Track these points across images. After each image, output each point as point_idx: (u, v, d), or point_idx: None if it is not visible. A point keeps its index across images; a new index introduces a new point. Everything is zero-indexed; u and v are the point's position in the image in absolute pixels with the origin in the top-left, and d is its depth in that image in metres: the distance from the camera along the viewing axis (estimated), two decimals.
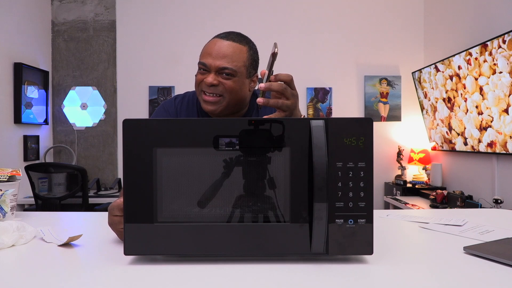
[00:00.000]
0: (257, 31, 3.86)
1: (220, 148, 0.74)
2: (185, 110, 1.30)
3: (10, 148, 3.25)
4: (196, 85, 1.22)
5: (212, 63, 1.17)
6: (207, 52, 1.19)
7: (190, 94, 1.35)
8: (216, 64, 1.16)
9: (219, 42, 1.19)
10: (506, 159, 2.75)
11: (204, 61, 1.18)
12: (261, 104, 0.94)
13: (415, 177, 3.73)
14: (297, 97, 1.00)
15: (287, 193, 0.74)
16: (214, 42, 1.19)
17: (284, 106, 0.96)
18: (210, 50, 1.18)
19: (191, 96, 1.34)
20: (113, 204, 0.86)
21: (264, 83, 0.94)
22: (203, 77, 1.19)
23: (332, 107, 3.90)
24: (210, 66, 1.17)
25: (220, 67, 1.16)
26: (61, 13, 3.86)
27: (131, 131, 0.74)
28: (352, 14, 3.90)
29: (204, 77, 1.18)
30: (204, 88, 1.19)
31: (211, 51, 1.18)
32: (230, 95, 1.19)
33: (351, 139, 0.74)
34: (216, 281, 0.66)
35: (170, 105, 1.32)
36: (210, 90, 1.18)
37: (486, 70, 2.70)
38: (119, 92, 3.88)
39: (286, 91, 0.96)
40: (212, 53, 1.17)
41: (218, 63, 1.16)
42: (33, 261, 0.79)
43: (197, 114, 1.30)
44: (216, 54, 1.17)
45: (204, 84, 1.18)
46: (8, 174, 1.11)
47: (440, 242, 0.91)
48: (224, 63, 1.16)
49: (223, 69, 1.17)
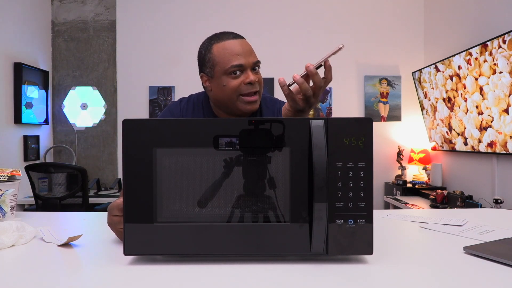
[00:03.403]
0: (257, 30, 3.86)
1: (220, 148, 0.74)
2: (191, 112, 1.29)
3: (10, 148, 3.25)
4: (232, 92, 1.16)
5: (246, 62, 1.16)
6: (235, 53, 1.15)
7: (194, 96, 1.34)
8: (250, 61, 1.17)
9: (238, 41, 1.18)
10: (506, 159, 2.75)
11: (238, 62, 1.15)
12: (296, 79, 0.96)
13: (415, 177, 3.73)
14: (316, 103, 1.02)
15: (287, 193, 0.74)
16: (232, 44, 1.17)
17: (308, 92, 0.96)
18: (237, 50, 1.16)
19: (196, 99, 1.33)
20: (112, 204, 0.86)
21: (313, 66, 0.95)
22: (241, 79, 1.16)
23: (332, 107, 3.90)
24: (246, 64, 1.16)
25: (254, 62, 1.17)
26: (61, 13, 3.86)
27: (131, 131, 0.74)
28: (352, 14, 3.90)
29: (243, 79, 1.16)
30: (244, 90, 1.16)
31: (238, 51, 1.16)
32: (261, 89, 1.21)
33: (351, 139, 0.74)
34: (216, 281, 0.66)
35: (176, 107, 1.31)
36: (253, 89, 1.17)
37: (486, 70, 2.70)
38: (119, 92, 3.88)
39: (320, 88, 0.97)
40: (240, 53, 1.16)
41: (251, 60, 1.17)
42: (33, 261, 0.79)
43: (203, 117, 1.29)
44: (244, 52, 1.16)
45: (245, 86, 1.16)
46: (8, 174, 1.11)
47: (440, 242, 0.91)
48: (255, 58, 1.19)
49: (256, 64, 1.18)
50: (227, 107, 1.21)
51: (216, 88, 1.20)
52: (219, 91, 1.19)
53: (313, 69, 0.94)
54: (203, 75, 1.24)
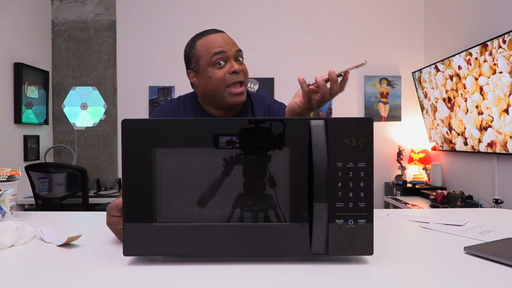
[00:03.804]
0: (257, 31, 3.86)
1: (220, 146, 0.73)
2: (182, 111, 1.30)
3: (10, 148, 3.25)
4: (218, 82, 1.18)
5: (229, 50, 1.18)
6: (217, 44, 1.18)
7: (183, 96, 1.36)
8: (233, 50, 1.19)
9: (219, 35, 1.21)
10: (506, 159, 2.75)
11: (220, 49, 1.17)
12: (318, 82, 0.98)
13: (415, 177, 3.73)
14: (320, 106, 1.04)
15: (287, 193, 0.74)
16: (213, 37, 1.20)
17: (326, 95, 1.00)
18: (219, 42, 1.19)
19: (185, 98, 1.35)
20: (111, 205, 0.86)
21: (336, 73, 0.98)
22: (225, 69, 1.18)
23: (332, 107, 3.90)
24: (228, 53, 1.18)
25: (236, 50, 1.19)
26: (61, 13, 3.86)
27: (130, 131, 0.74)
28: (352, 14, 3.89)
29: (227, 69, 1.18)
30: (230, 80, 1.18)
31: (220, 42, 1.19)
32: (246, 80, 1.22)
33: (351, 139, 0.73)
34: (216, 281, 0.66)
35: (168, 107, 1.32)
36: (238, 78, 1.18)
37: (486, 70, 2.70)
38: (119, 92, 3.88)
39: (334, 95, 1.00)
40: (221, 43, 1.18)
41: (234, 48, 1.19)
42: (33, 261, 0.79)
43: (194, 114, 1.30)
44: (225, 43, 1.19)
45: (230, 76, 1.17)
46: (7, 174, 1.11)
47: (441, 242, 0.90)
48: (238, 47, 1.21)
49: (238, 52, 1.20)
50: (215, 101, 1.23)
51: (203, 82, 1.21)
52: (206, 83, 1.20)
53: (335, 76, 0.97)
54: (189, 71, 1.26)
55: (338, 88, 0.99)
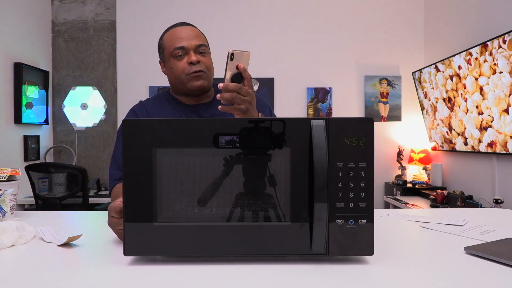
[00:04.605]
0: (258, 31, 3.86)
1: (220, 146, 0.73)
2: (156, 107, 1.33)
3: (10, 148, 3.25)
4: (180, 73, 1.26)
5: (188, 44, 1.24)
6: (178, 37, 1.25)
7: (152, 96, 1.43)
8: (193, 44, 1.25)
9: (183, 28, 1.27)
10: (506, 159, 2.75)
11: (180, 45, 1.24)
12: (220, 96, 1.03)
13: (415, 177, 3.73)
14: (253, 96, 1.07)
15: (288, 193, 0.74)
16: (178, 30, 1.27)
17: (238, 98, 1.03)
18: (180, 35, 1.26)
19: (156, 95, 1.41)
20: (111, 205, 0.86)
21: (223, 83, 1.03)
22: (185, 60, 1.25)
23: (332, 107, 3.90)
24: (188, 47, 1.24)
25: (197, 44, 1.25)
26: (61, 13, 3.86)
27: (130, 132, 0.74)
28: (352, 14, 3.89)
29: (186, 60, 1.24)
30: (189, 70, 1.24)
31: (182, 35, 1.25)
32: (209, 72, 1.28)
33: (352, 139, 0.73)
34: (216, 281, 0.66)
35: (138, 107, 1.35)
36: (196, 67, 1.24)
37: (486, 70, 2.70)
38: (119, 92, 3.88)
39: (241, 90, 1.03)
40: (183, 37, 1.25)
41: (194, 42, 1.25)
42: (33, 261, 0.79)
43: (170, 106, 1.32)
44: (187, 36, 1.25)
45: (189, 67, 1.24)
46: (7, 173, 1.10)
47: (441, 242, 0.90)
48: (199, 41, 1.26)
49: (199, 46, 1.25)
50: (181, 89, 1.30)
51: (169, 72, 1.31)
52: (171, 73, 1.29)
53: (222, 86, 1.02)
54: (160, 61, 1.35)
55: (244, 93, 1.02)
